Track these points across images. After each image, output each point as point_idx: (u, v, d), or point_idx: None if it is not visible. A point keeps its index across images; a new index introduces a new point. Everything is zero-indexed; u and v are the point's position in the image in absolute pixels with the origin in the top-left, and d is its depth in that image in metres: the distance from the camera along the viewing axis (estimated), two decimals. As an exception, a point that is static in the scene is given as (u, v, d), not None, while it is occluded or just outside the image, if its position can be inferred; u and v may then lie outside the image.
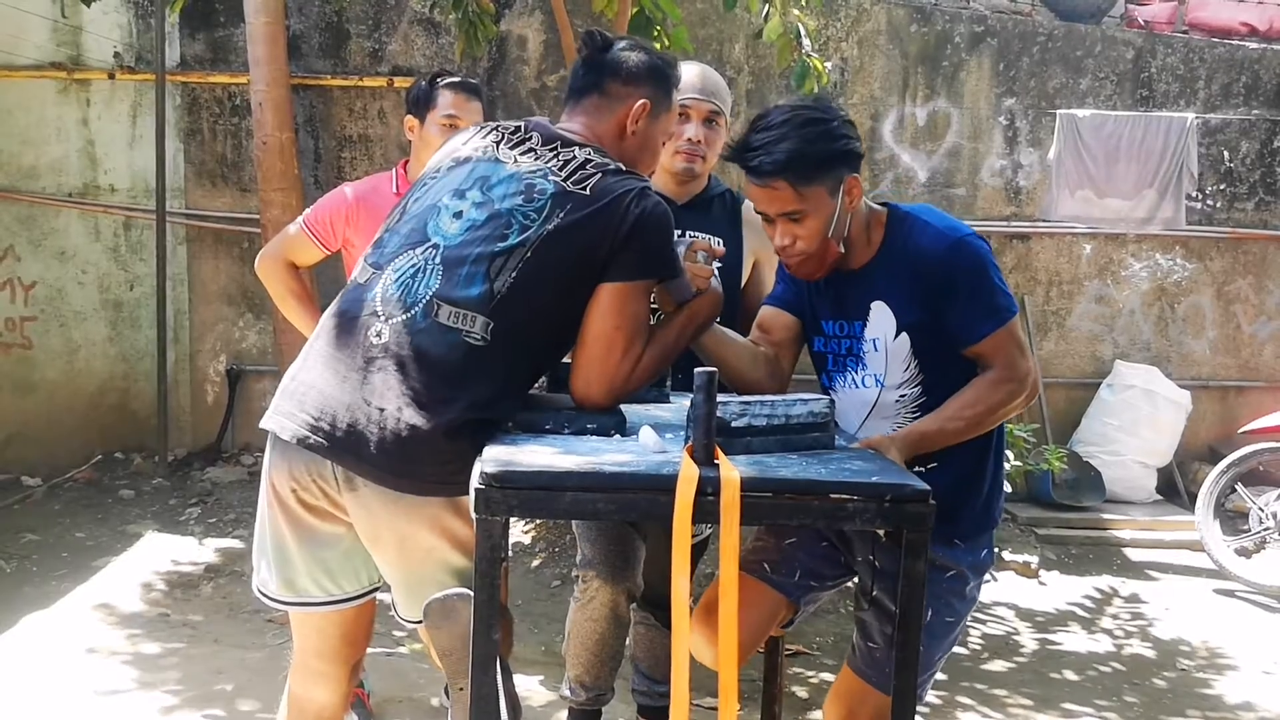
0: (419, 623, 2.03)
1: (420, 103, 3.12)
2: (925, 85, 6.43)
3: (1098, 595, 5.11)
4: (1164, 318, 6.64)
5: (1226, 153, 6.58)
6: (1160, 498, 6.36)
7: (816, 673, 3.98)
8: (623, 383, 2.03)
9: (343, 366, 1.97)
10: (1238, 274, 6.65)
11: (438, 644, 2.02)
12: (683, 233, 2.84)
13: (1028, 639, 4.50)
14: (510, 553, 4.79)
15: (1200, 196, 6.54)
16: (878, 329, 2.26)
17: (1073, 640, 4.51)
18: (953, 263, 2.19)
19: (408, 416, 1.89)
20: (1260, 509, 5.33)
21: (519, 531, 5.18)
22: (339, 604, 2.12)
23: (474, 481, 1.72)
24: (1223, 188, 6.60)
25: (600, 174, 2.04)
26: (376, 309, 1.99)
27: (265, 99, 5.55)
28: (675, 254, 2.14)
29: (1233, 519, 5.64)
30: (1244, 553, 5.34)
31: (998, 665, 4.18)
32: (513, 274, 1.95)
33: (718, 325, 2.34)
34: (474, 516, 1.71)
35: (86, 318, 6.27)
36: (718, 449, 1.77)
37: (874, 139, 6.41)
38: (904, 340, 2.24)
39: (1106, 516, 6.01)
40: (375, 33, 6.23)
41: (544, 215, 1.98)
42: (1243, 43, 6.72)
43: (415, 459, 1.90)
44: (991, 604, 4.87)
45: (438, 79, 3.13)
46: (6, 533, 5.11)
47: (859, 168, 2.25)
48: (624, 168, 2.09)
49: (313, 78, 6.19)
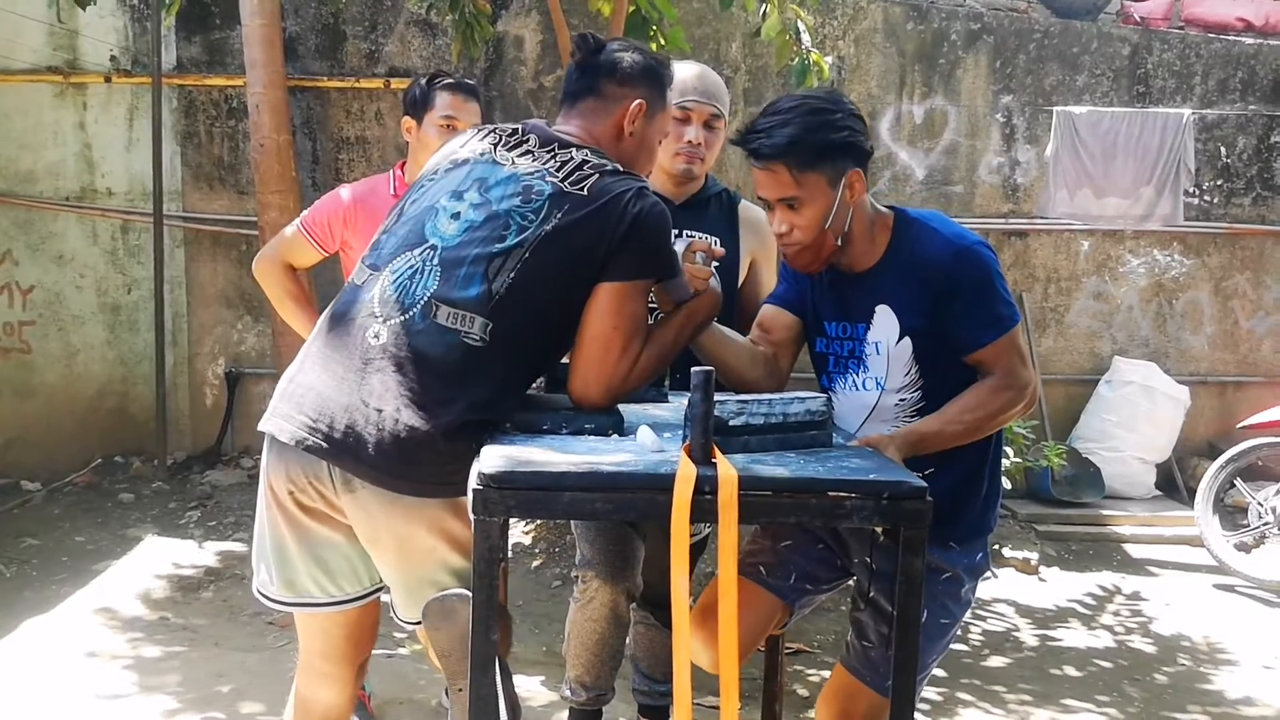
0: (418, 624, 2.03)
1: (417, 104, 3.12)
2: (922, 83, 6.44)
3: (1097, 591, 5.11)
4: (1162, 314, 6.64)
5: (1223, 148, 6.58)
6: (1159, 493, 6.37)
7: (817, 671, 3.99)
8: (621, 382, 2.03)
9: (340, 368, 1.96)
10: (1235, 269, 6.65)
11: (436, 645, 2.02)
12: (680, 233, 2.85)
13: (1028, 635, 4.50)
14: (510, 553, 4.80)
15: (1197, 192, 6.54)
16: (881, 333, 2.26)
17: (1073, 636, 4.51)
18: (958, 270, 2.18)
19: (406, 418, 1.89)
20: (1259, 504, 5.34)
21: (519, 532, 5.18)
22: (341, 605, 2.12)
23: (472, 482, 1.72)
24: (1220, 183, 6.61)
25: (598, 174, 2.03)
26: (374, 310, 1.98)
27: (262, 101, 5.55)
28: (673, 254, 2.13)
29: (1232, 514, 5.64)
30: (1243, 548, 5.34)
31: (998, 661, 4.19)
32: (511, 274, 1.95)
33: (716, 324, 2.34)
34: (472, 517, 1.71)
35: (85, 321, 6.27)
36: (715, 448, 1.76)
37: (871, 137, 6.37)
38: (906, 345, 2.24)
39: (1106, 512, 6.01)
40: (372, 34, 6.23)
41: (542, 216, 1.98)
42: (1239, 38, 6.73)
43: (413, 460, 1.90)
44: (991, 600, 4.88)
45: (435, 80, 3.13)
46: (6, 537, 5.11)
47: (865, 163, 2.24)
48: (621, 168, 2.09)
49: (309, 79, 6.19)
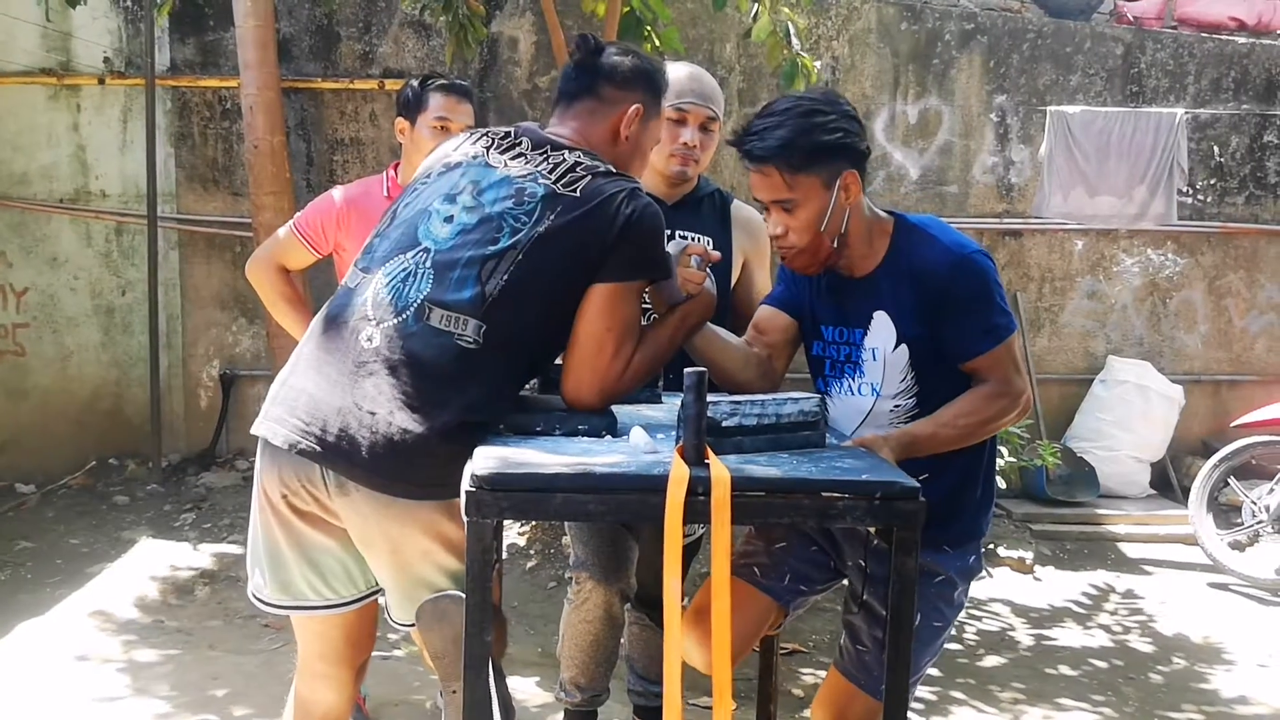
0: (412, 625, 2.03)
1: (411, 105, 3.12)
2: (916, 83, 6.44)
3: (1092, 590, 5.12)
4: (1156, 313, 6.65)
5: (1216, 148, 6.60)
6: (1154, 492, 6.38)
7: (812, 671, 3.99)
8: (614, 384, 2.02)
9: (333, 371, 1.96)
10: (1229, 268, 6.66)
11: (430, 647, 2.01)
12: (673, 233, 2.85)
13: (1023, 634, 4.51)
14: (505, 555, 4.79)
15: (1191, 192, 6.55)
16: (877, 339, 2.26)
17: (1067, 635, 4.52)
18: (956, 279, 2.18)
19: (400, 420, 1.88)
20: (1253, 502, 5.34)
21: (514, 533, 5.18)
22: (336, 608, 2.11)
23: (465, 484, 1.72)
24: (1213, 183, 6.62)
25: (590, 176, 2.03)
26: (367, 313, 1.98)
27: (256, 102, 5.55)
28: (667, 255, 2.13)
29: (1226, 513, 5.65)
30: (1237, 546, 5.35)
31: (993, 660, 4.19)
32: (504, 276, 1.94)
33: (710, 325, 2.34)
34: (465, 519, 1.71)
35: (79, 324, 6.26)
36: (708, 449, 1.76)
37: (866, 138, 6.39)
38: (903, 352, 2.24)
39: (1100, 511, 6.02)
40: (366, 35, 6.23)
41: (535, 218, 1.98)
42: (1231, 37, 6.74)
43: (408, 463, 1.89)
44: (986, 600, 4.88)
45: (428, 81, 3.12)
46: (1, 540, 5.10)
47: (861, 164, 2.24)
48: (614, 169, 2.09)
49: (303, 81, 6.18)
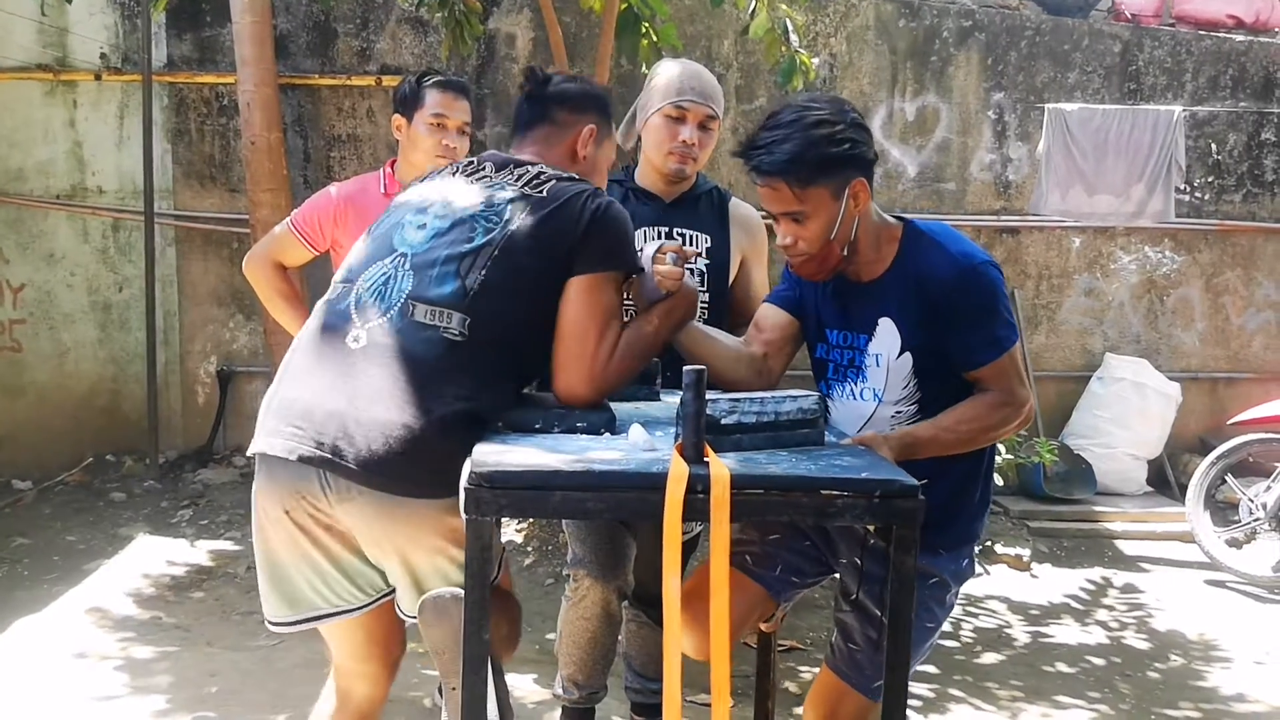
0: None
1: (408, 102, 3.11)
2: (914, 80, 6.44)
3: (1089, 587, 5.12)
4: (1153, 310, 6.66)
5: (1214, 145, 6.60)
6: (1151, 490, 6.39)
7: (809, 668, 3.99)
8: (603, 371, 2.04)
9: (324, 376, 1.97)
10: (1226, 266, 6.67)
11: (431, 643, 2.02)
12: (671, 231, 2.85)
13: (1019, 631, 4.51)
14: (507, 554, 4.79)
15: (1189, 189, 6.56)
16: (882, 345, 2.26)
17: (1064, 632, 4.52)
18: (962, 290, 2.17)
19: (397, 416, 1.89)
20: (1250, 500, 5.35)
21: (512, 531, 5.18)
22: (349, 613, 2.11)
23: (463, 481, 1.72)
24: (1211, 180, 6.63)
25: (555, 180, 2.13)
26: (352, 316, 2.02)
27: (253, 99, 5.54)
28: (635, 249, 2.18)
29: (1223, 510, 5.66)
30: (1234, 543, 5.36)
31: (990, 658, 4.19)
32: (482, 271, 2.00)
33: (699, 325, 2.36)
34: (464, 516, 1.71)
35: (76, 320, 6.25)
36: (707, 446, 1.77)
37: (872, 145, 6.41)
38: (906, 359, 2.24)
39: (1098, 509, 6.03)
40: (363, 32, 6.22)
41: (505, 218, 2.06)
42: (1229, 35, 6.74)
43: (409, 460, 1.89)
44: (983, 597, 4.89)
45: (425, 78, 3.12)
46: (-3, 536, 5.10)
47: (870, 171, 2.23)
48: (576, 176, 2.18)
49: (300, 77, 6.17)
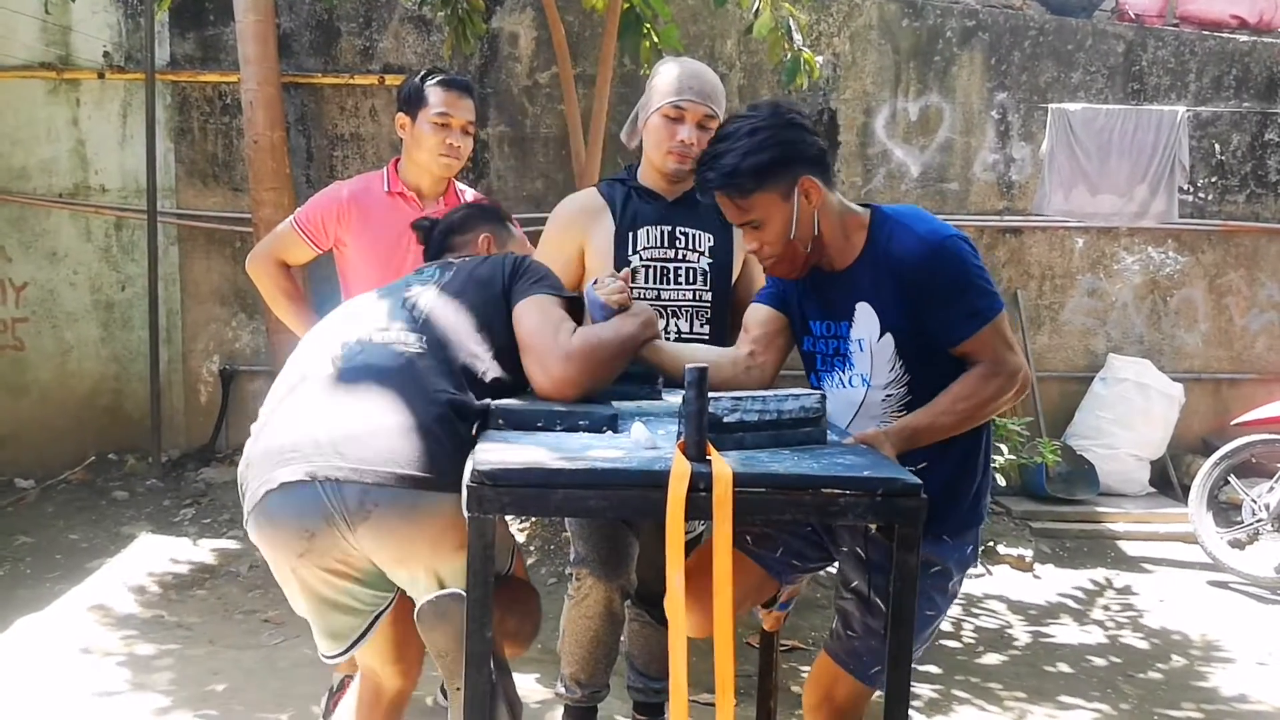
0: None
1: (412, 101, 3.12)
2: (917, 80, 6.44)
3: (1092, 588, 5.12)
4: (1156, 311, 6.65)
5: (1218, 145, 6.59)
6: (1154, 490, 6.38)
7: (812, 667, 3.98)
8: (567, 351, 2.11)
9: (303, 410, 2.03)
10: (1229, 267, 6.66)
11: (433, 645, 2.01)
12: (674, 230, 2.85)
13: (1022, 632, 4.51)
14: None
15: (1192, 189, 6.55)
16: (862, 330, 2.27)
17: (1067, 633, 4.52)
18: (931, 268, 2.17)
19: (389, 419, 1.94)
20: (1253, 500, 5.34)
21: (514, 530, 5.18)
22: (385, 612, 2.12)
23: (466, 479, 1.72)
24: (1214, 180, 6.62)
25: (478, 255, 2.47)
26: (318, 355, 2.15)
27: (256, 98, 5.54)
28: (561, 285, 2.34)
29: (1226, 511, 5.65)
30: (1237, 544, 5.34)
31: (992, 658, 4.19)
32: (427, 309, 2.21)
33: (669, 343, 2.43)
34: (466, 515, 1.71)
35: (78, 319, 6.26)
36: (709, 445, 1.77)
37: (866, 134, 6.42)
38: (888, 341, 2.24)
39: (1100, 509, 6.02)
40: (366, 31, 6.22)
41: (436, 279, 2.31)
42: (1233, 35, 6.74)
43: (413, 451, 1.91)
44: (985, 597, 4.88)
45: (429, 77, 3.12)
46: (0, 535, 5.10)
47: (819, 166, 2.21)
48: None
49: (304, 76, 6.17)
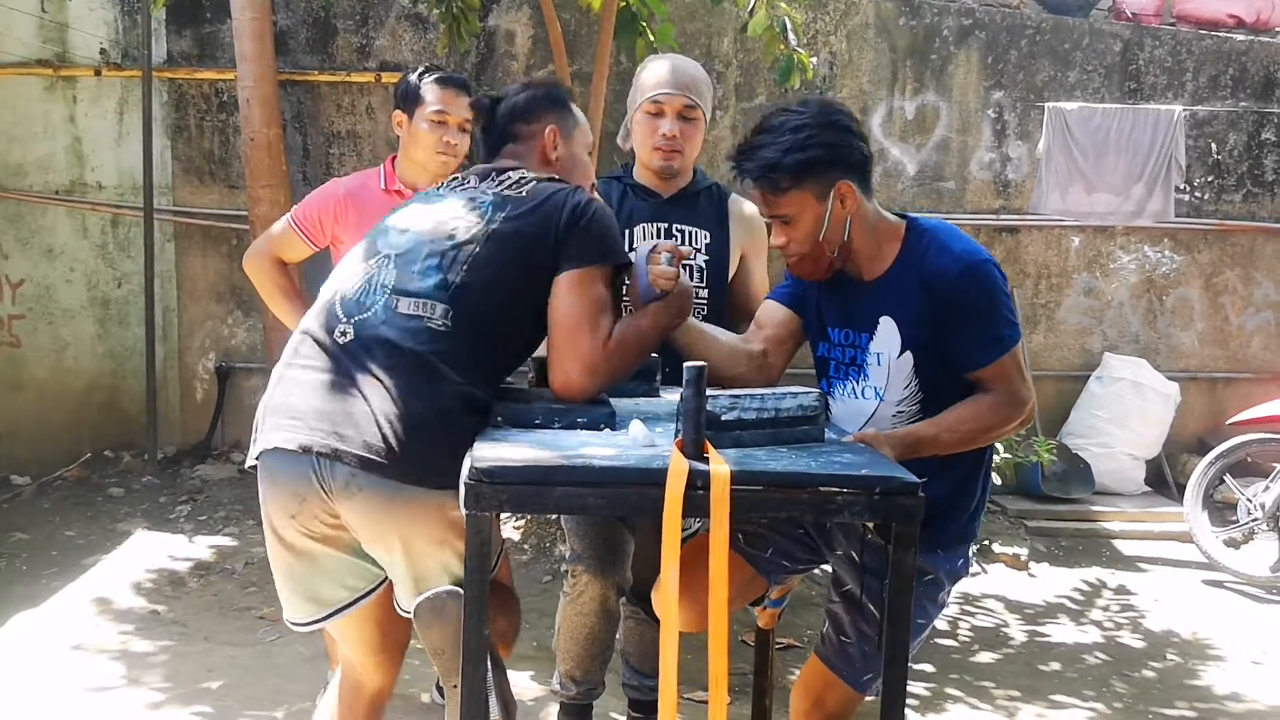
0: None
1: (408, 98, 3.11)
2: (914, 79, 6.44)
3: (1087, 587, 5.12)
4: (1152, 310, 6.66)
5: (1214, 145, 6.60)
6: (1149, 489, 6.38)
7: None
8: (597, 363, 2.04)
9: (316, 374, 2.00)
10: (1226, 266, 6.67)
11: (429, 643, 2.01)
12: (670, 227, 2.85)
13: (1016, 630, 4.51)
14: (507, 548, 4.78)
15: (1188, 189, 6.56)
16: (883, 344, 2.26)
17: (1062, 632, 4.53)
18: (963, 289, 2.16)
19: (392, 406, 1.91)
20: (1248, 500, 5.34)
21: (509, 528, 5.17)
22: (370, 594, 2.12)
23: (464, 476, 1.72)
24: (1211, 180, 6.63)
25: (535, 181, 2.17)
26: (337, 314, 2.06)
27: (253, 95, 5.54)
28: (619, 243, 2.19)
29: (1221, 510, 5.65)
30: (1232, 543, 5.35)
31: (986, 657, 4.20)
32: (464, 266, 2.04)
33: (697, 322, 2.36)
34: (463, 512, 1.71)
35: (75, 315, 6.25)
36: (707, 443, 1.77)
37: (866, 141, 6.41)
38: (908, 359, 2.23)
39: (1096, 508, 6.03)
40: (363, 28, 6.22)
41: (487, 218, 2.10)
42: (1230, 34, 6.74)
43: (411, 446, 1.90)
44: (981, 596, 4.89)
45: (425, 75, 3.12)
46: (-5, 532, 5.10)
47: (860, 173, 2.22)
48: (556, 177, 2.22)
49: (300, 73, 6.17)
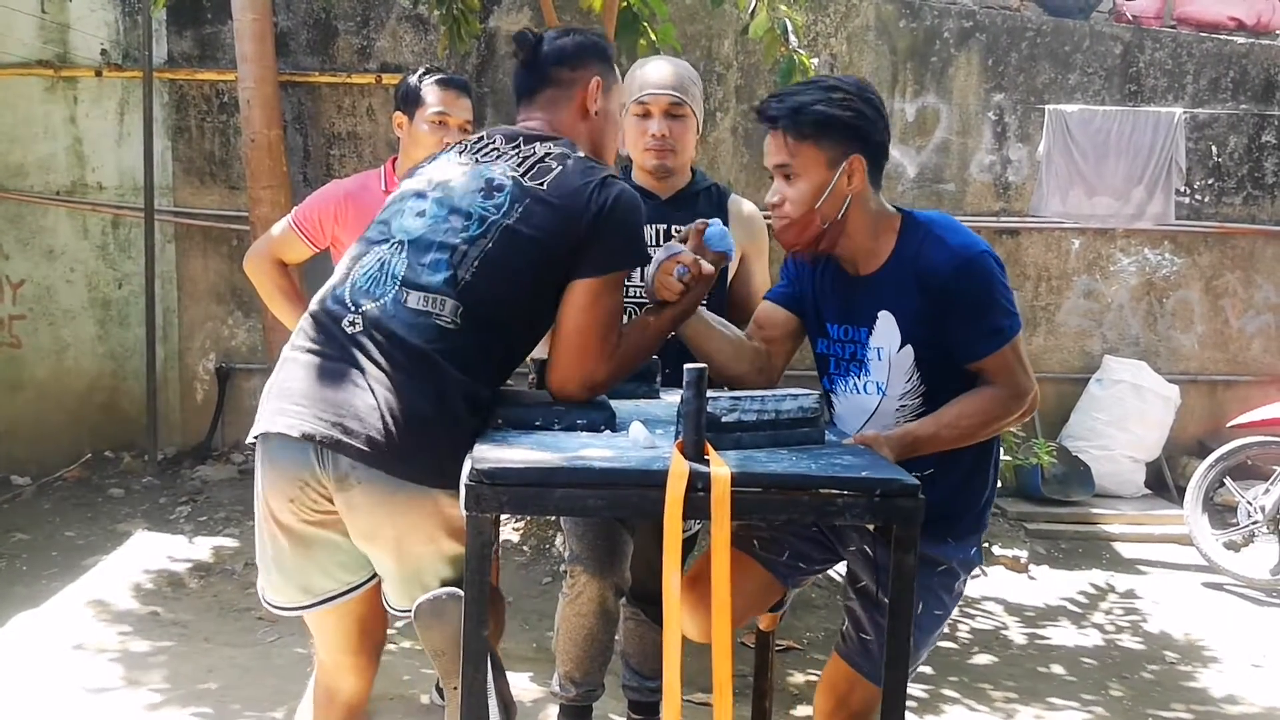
0: (409, 612, 2.02)
1: (409, 100, 3.12)
2: (914, 81, 6.44)
3: (1086, 589, 5.12)
4: (1153, 312, 6.66)
5: (1214, 147, 6.60)
6: (1149, 492, 6.38)
7: (806, 668, 3.99)
8: (598, 376, 2.05)
9: (322, 361, 1.98)
10: (1226, 268, 6.67)
11: (429, 644, 2.01)
12: (669, 228, 2.84)
13: (1016, 633, 4.51)
14: (499, 551, 4.79)
15: (1189, 191, 6.56)
16: (883, 339, 2.25)
17: (1061, 634, 4.53)
18: (960, 282, 2.15)
19: (393, 399, 1.90)
20: (1248, 503, 5.34)
21: (509, 529, 5.18)
22: (356, 590, 2.11)
23: (464, 478, 1.72)
24: (1211, 182, 6.63)
25: (560, 168, 2.07)
26: (346, 302, 2.03)
27: (253, 96, 5.54)
28: (642, 241, 2.16)
29: (1221, 513, 5.65)
30: (1232, 546, 5.34)
31: (985, 659, 4.20)
32: (475, 263, 2.00)
33: (704, 314, 2.34)
34: (463, 513, 1.71)
35: (75, 316, 6.25)
36: (708, 444, 1.77)
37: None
38: (908, 352, 2.23)
39: (1096, 511, 6.03)
40: (363, 29, 6.22)
41: (503, 210, 2.03)
42: (1230, 37, 6.75)
43: (413, 443, 1.90)
44: (980, 599, 4.89)
45: (426, 76, 3.13)
46: (-5, 532, 5.10)
47: (875, 155, 2.22)
48: (584, 156, 2.13)
49: (301, 75, 6.17)
